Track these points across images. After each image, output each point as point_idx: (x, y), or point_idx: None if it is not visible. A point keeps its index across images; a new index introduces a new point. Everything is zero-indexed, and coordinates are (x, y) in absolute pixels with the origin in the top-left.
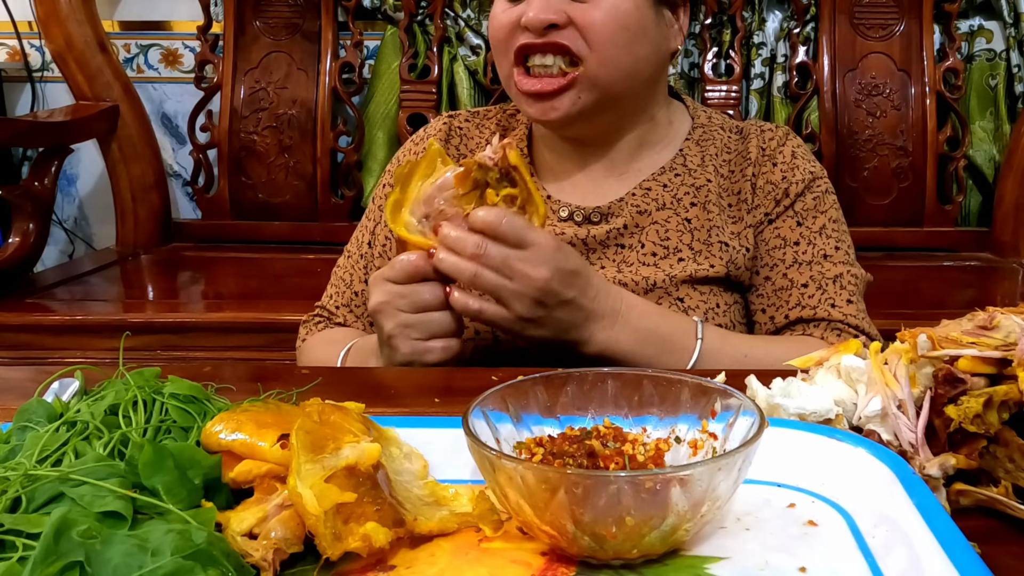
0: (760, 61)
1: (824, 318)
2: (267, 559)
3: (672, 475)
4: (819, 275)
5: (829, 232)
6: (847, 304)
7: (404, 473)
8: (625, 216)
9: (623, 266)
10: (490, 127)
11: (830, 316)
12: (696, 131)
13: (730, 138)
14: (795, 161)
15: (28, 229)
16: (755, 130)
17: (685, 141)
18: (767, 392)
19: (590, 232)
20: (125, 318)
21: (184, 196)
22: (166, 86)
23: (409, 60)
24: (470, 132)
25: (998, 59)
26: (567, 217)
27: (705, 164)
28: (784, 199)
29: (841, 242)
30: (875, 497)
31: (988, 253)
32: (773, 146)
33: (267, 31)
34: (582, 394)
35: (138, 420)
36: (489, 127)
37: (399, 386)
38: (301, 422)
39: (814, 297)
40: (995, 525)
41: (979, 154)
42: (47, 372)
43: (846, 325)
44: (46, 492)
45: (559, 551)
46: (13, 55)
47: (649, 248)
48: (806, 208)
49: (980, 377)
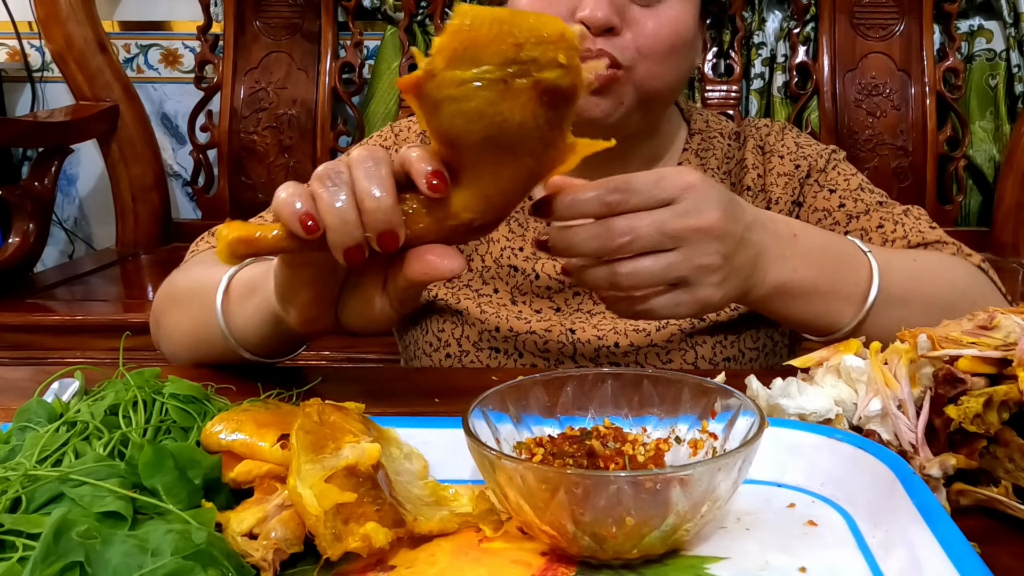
0: (760, 61)
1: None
2: (267, 559)
3: (672, 475)
4: (888, 215)
5: (871, 188)
6: (931, 230)
7: (404, 473)
8: None
9: None
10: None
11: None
12: (694, 139)
13: (729, 145)
14: (801, 149)
15: (28, 229)
16: (751, 131)
17: (684, 152)
18: (767, 392)
19: None
20: (125, 318)
21: (184, 196)
22: (166, 86)
23: (409, 60)
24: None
25: (998, 59)
26: None
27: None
28: (807, 180)
29: (884, 195)
30: (875, 497)
31: (988, 253)
32: (772, 141)
33: (267, 31)
34: (582, 394)
35: (138, 420)
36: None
37: (399, 386)
38: (301, 422)
39: (897, 231)
40: (995, 525)
41: (979, 154)
42: (47, 372)
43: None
44: (46, 492)
45: (559, 551)
46: (13, 55)
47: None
48: (833, 180)
49: (980, 377)
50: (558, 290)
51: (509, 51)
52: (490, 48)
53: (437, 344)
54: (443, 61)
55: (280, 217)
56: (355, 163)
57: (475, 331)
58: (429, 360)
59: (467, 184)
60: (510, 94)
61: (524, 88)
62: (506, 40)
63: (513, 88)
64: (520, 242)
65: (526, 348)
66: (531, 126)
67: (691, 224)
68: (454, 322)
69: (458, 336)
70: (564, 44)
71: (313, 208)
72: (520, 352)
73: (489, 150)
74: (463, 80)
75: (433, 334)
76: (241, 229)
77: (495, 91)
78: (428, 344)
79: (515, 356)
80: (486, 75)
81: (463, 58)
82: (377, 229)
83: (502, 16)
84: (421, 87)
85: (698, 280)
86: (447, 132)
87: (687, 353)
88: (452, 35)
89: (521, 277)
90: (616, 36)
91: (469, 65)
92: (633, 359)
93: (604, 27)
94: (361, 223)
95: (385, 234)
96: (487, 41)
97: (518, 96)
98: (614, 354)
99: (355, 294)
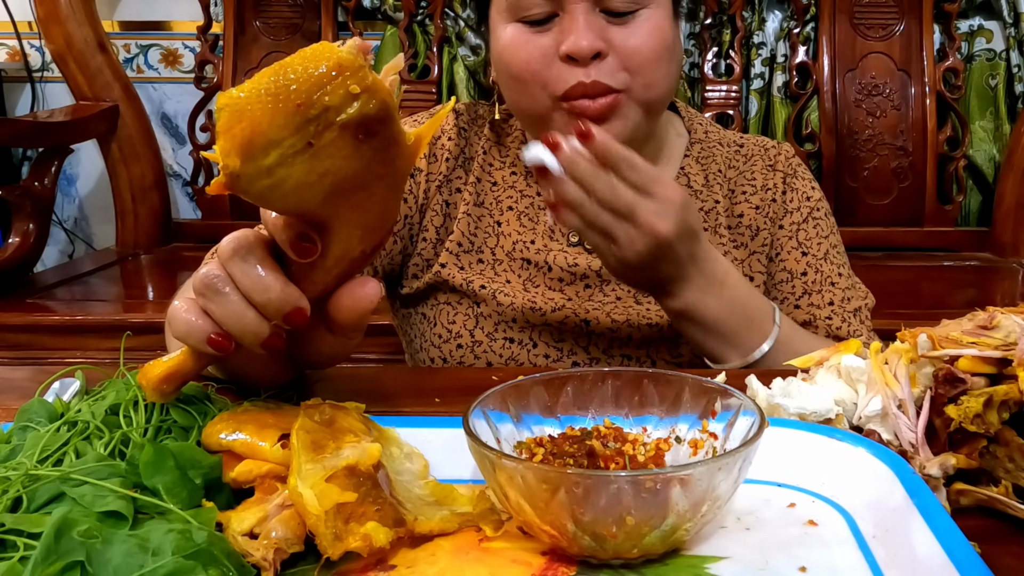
0: (760, 61)
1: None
2: (268, 559)
3: (672, 475)
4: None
5: (837, 253)
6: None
7: (405, 473)
8: None
9: (639, 296)
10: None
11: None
12: (695, 147)
13: (731, 155)
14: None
15: (28, 229)
16: (758, 151)
17: (685, 158)
18: (767, 392)
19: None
20: (125, 318)
21: (184, 196)
22: (166, 86)
23: (409, 60)
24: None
25: (998, 59)
26: (577, 243)
27: (710, 184)
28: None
29: (844, 266)
30: (875, 497)
31: (988, 253)
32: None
33: (267, 31)
34: (582, 394)
35: (139, 420)
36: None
37: (399, 386)
38: (301, 422)
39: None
40: (995, 525)
41: (979, 154)
42: (47, 372)
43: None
44: (47, 492)
45: (559, 551)
46: (13, 55)
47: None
48: (808, 238)
49: (980, 377)
50: (570, 281)
51: (296, 116)
52: (275, 124)
53: (447, 336)
54: (237, 159)
55: (188, 344)
56: (227, 260)
57: (490, 322)
58: (438, 352)
59: (338, 228)
60: (324, 152)
61: (334, 139)
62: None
63: (324, 146)
64: (531, 235)
65: (540, 338)
66: (365, 162)
67: (649, 220)
68: (466, 314)
69: (471, 327)
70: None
71: (212, 323)
72: (534, 343)
73: (338, 200)
74: (269, 167)
75: (443, 326)
76: (157, 368)
77: (307, 159)
78: (437, 336)
79: (528, 346)
80: (289, 150)
81: (255, 148)
82: (279, 315)
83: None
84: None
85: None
86: (288, 210)
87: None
88: (227, 134)
89: (534, 269)
90: (602, 60)
91: (265, 151)
92: (645, 352)
93: (591, 55)
94: (261, 317)
95: (290, 314)
96: (267, 120)
97: (334, 149)
98: (626, 345)
99: (304, 345)
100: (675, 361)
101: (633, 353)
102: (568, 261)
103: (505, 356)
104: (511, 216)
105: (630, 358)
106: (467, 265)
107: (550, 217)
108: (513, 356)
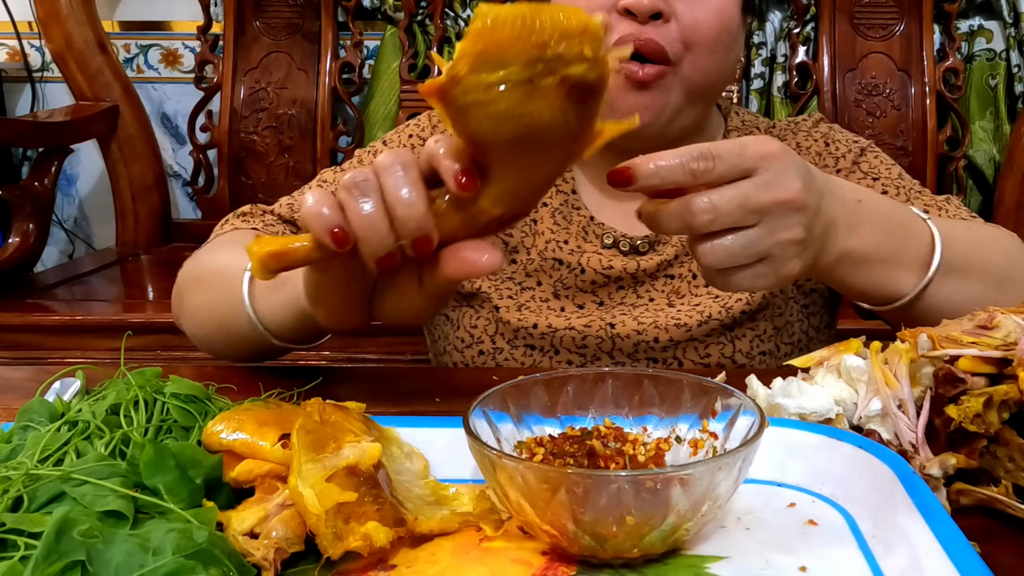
0: (760, 61)
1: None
2: (268, 558)
3: (672, 475)
4: (931, 201)
5: (909, 177)
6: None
7: (405, 473)
8: (676, 244)
9: (674, 298)
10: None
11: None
12: (731, 135)
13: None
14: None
15: (28, 229)
16: (789, 133)
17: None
18: (767, 392)
19: (640, 265)
20: (125, 318)
21: (184, 196)
22: (166, 86)
23: (409, 60)
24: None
25: (998, 59)
26: (612, 244)
27: None
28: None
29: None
30: (875, 497)
31: None
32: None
33: (267, 31)
34: (583, 394)
35: (139, 420)
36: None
37: (399, 386)
38: (302, 422)
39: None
40: (995, 525)
41: (979, 154)
42: (48, 372)
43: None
44: (48, 491)
45: (560, 550)
46: (13, 55)
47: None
48: (875, 168)
49: (980, 377)
50: (603, 284)
51: (533, 50)
52: (514, 49)
53: (469, 340)
54: (466, 66)
55: (309, 228)
56: (382, 169)
57: (510, 328)
58: (460, 356)
59: (496, 180)
60: (537, 94)
61: (551, 86)
62: (530, 39)
63: (540, 87)
64: (565, 235)
65: (563, 345)
66: (560, 123)
67: (774, 197)
68: (488, 319)
69: (492, 333)
70: (588, 37)
71: (342, 219)
72: (556, 349)
73: (518, 148)
74: (489, 84)
75: (465, 330)
76: (271, 244)
77: (522, 92)
78: (459, 340)
79: (551, 353)
80: (512, 77)
81: (487, 61)
82: (410, 236)
83: (523, 13)
84: (446, 93)
85: (780, 254)
86: (475, 135)
87: (725, 347)
88: (475, 38)
89: (566, 271)
90: (662, 24)
91: (494, 68)
92: (672, 354)
93: (650, 13)
94: (393, 231)
95: (419, 240)
96: (510, 42)
97: (546, 95)
98: (652, 348)
99: (389, 292)
100: (703, 362)
101: (659, 357)
102: (603, 264)
103: (527, 364)
104: (545, 213)
105: (656, 361)
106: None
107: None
108: (535, 363)
